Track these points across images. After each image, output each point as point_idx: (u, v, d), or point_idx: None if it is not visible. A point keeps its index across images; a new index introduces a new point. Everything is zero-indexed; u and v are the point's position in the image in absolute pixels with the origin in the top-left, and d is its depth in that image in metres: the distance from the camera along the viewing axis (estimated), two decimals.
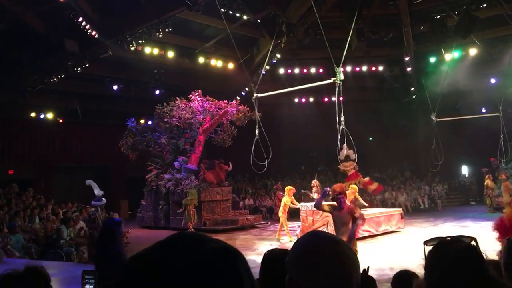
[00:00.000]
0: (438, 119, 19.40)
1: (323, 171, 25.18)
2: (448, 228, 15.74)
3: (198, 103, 17.55)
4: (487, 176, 21.27)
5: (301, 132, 25.44)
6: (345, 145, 17.55)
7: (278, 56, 20.74)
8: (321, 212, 11.75)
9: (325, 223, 12.71)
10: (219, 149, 18.91)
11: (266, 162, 13.25)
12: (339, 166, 17.30)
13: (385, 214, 15.22)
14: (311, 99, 25.42)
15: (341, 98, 11.73)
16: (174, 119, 17.75)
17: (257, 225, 18.16)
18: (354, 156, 17.60)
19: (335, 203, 7.13)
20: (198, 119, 17.52)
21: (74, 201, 16.09)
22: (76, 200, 16.40)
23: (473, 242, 1.60)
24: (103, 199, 11.20)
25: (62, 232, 11.80)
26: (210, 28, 19.27)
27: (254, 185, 24.17)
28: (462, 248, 1.50)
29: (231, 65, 20.96)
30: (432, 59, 22.48)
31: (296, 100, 25.30)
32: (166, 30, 16.15)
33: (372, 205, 18.08)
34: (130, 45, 16.98)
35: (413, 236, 13.66)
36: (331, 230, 11.72)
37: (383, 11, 19.29)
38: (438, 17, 18.66)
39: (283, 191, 15.69)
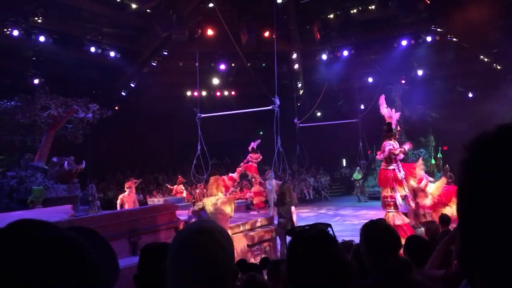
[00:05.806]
0: (301, 124, 20.13)
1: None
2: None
3: (43, 100, 16.22)
4: (357, 169, 22.97)
5: None
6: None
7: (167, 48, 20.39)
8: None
9: None
10: (71, 146, 17.79)
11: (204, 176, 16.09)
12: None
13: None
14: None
15: None
16: (18, 116, 16.28)
17: None
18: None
19: None
20: (43, 116, 16.20)
21: None
22: None
23: (329, 228, 1.73)
24: None
25: None
26: (98, 15, 18.36)
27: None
28: (314, 233, 1.61)
29: (118, 55, 20.05)
30: (318, 58, 23.46)
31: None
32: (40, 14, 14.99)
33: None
34: (5, 30, 15.55)
35: None
36: None
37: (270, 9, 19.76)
38: (323, 16, 19.73)
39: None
